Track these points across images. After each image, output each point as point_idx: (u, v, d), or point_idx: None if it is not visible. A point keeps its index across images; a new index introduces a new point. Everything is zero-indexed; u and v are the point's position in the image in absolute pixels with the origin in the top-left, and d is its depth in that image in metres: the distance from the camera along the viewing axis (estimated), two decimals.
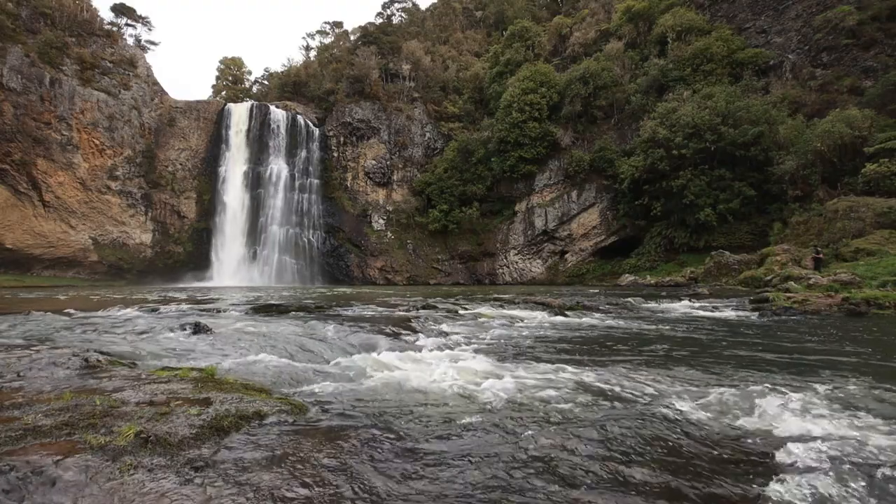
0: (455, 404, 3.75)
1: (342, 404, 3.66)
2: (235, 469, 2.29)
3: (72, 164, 46.40)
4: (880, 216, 23.50)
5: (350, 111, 56.73)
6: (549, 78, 49.06)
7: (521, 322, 10.39)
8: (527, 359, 5.97)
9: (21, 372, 3.83)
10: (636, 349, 6.83)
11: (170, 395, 3.26)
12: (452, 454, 2.68)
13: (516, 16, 65.04)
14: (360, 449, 2.70)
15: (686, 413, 3.56)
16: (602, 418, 3.38)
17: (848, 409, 3.57)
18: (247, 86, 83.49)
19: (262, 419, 3.00)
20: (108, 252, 49.29)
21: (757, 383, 4.51)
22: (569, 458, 2.64)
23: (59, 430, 2.48)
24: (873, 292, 12.74)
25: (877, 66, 34.17)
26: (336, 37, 76.81)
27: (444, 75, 61.79)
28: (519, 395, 4.04)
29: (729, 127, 35.74)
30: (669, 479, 2.43)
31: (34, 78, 44.27)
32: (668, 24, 46.03)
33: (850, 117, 29.44)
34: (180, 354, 5.68)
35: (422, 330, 8.08)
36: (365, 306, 12.96)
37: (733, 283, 23.48)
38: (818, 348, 6.71)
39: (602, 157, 45.33)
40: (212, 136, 55.02)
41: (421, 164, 57.31)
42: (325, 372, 5.03)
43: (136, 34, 61.90)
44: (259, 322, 9.07)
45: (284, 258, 52.63)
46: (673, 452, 2.79)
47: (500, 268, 51.89)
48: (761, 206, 35.33)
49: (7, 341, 5.93)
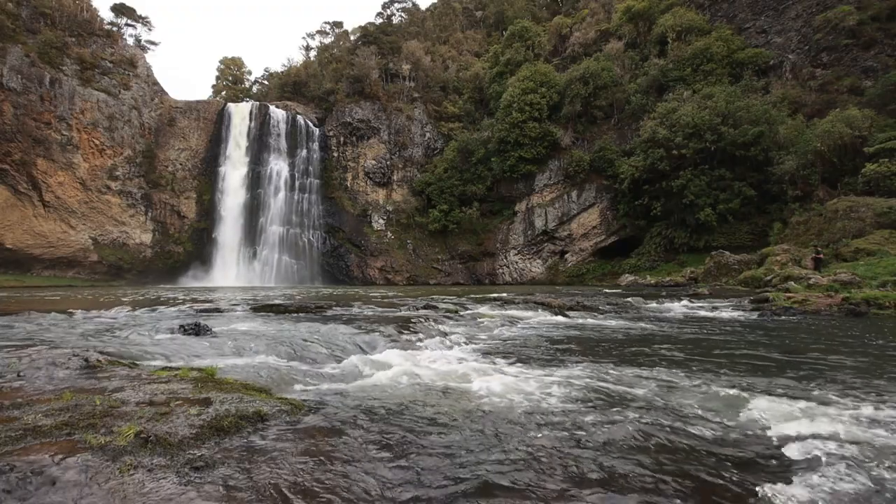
0: (455, 404, 3.76)
1: (342, 404, 3.66)
2: (236, 469, 2.29)
3: (72, 164, 46.41)
4: (880, 216, 23.51)
5: (350, 111, 56.75)
6: (549, 78, 49.08)
7: (521, 322, 10.39)
8: (526, 359, 5.98)
9: (21, 372, 3.83)
10: (635, 349, 6.83)
11: (170, 395, 3.26)
12: (452, 453, 2.68)
13: (516, 16, 65.04)
14: (360, 448, 2.70)
15: (685, 413, 3.56)
16: (600, 418, 3.39)
17: (847, 410, 3.57)
18: (247, 86, 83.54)
19: (263, 419, 3.00)
20: (108, 252, 49.30)
21: (756, 383, 4.51)
22: (566, 457, 2.65)
23: (59, 430, 2.49)
24: (873, 292, 12.74)
25: (877, 66, 34.19)
26: (336, 37, 76.80)
27: (444, 75, 61.81)
28: (518, 394, 4.05)
29: (729, 127, 35.76)
30: (667, 478, 2.43)
31: (34, 78, 44.27)
32: (668, 24, 46.05)
33: (850, 117, 29.46)
34: (180, 354, 5.68)
35: (422, 330, 8.08)
36: (365, 306, 12.96)
37: (733, 283, 23.47)
38: (818, 348, 6.71)
39: (602, 157, 45.35)
40: (212, 136, 55.04)
41: (421, 164, 57.32)
42: (325, 372, 5.03)
43: (136, 34, 62.02)
44: (259, 322, 9.07)
45: (284, 258, 52.65)
46: (671, 452, 2.79)
47: (500, 268, 51.89)
48: (761, 206, 35.35)
49: (7, 341, 5.93)
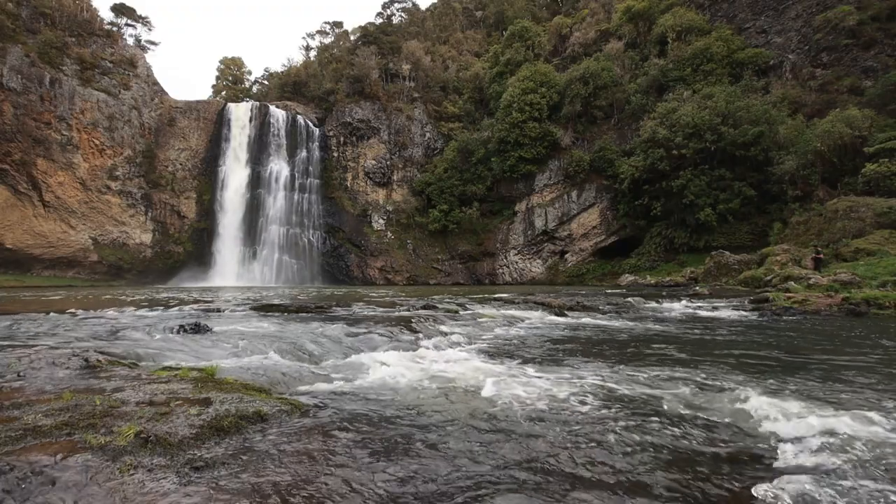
0: (455, 404, 3.76)
1: (342, 404, 3.66)
2: (236, 469, 2.29)
3: (72, 164, 46.43)
4: (880, 216, 23.51)
5: (350, 111, 56.75)
6: (549, 78, 49.09)
7: (521, 322, 10.39)
8: (526, 359, 5.98)
9: (21, 372, 3.83)
10: (635, 349, 6.83)
11: (170, 395, 3.26)
12: (452, 455, 2.68)
13: (516, 16, 65.05)
14: (360, 449, 2.70)
15: (684, 413, 3.56)
16: (599, 417, 3.39)
17: (847, 410, 3.57)
18: (247, 86, 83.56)
19: (263, 419, 3.00)
20: (108, 252, 49.31)
21: (756, 383, 4.51)
22: (565, 456, 2.65)
23: (59, 430, 2.48)
24: (873, 292, 12.74)
25: (877, 66, 34.20)
26: (336, 37, 76.83)
27: (444, 75, 61.81)
28: (517, 394, 4.05)
29: (729, 127, 35.76)
30: (666, 478, 2.43)
31: (34, 78, 44.28)
32: (668, 24, 46.06)
33: (850, 117, 29.46)
34: (180, 354, 5.67)
35: (421, 330, 8.08)
36: (365, 306, 12.96)
37: (733, 283, 23.47)
38: (817, 348, 6.71)
39: (602, 157, 45.35)
40: (212, 136, 55.06)
41: (421, 164, 57.32)
42: (325, 372, 5.03)
43: (136, 34, 62.07)
44: (259, 322, 9.07)
45: (284, 258, 52.68)
46: (669, 452, 2.79)
47: (500, 268, 51.90)
48: (761, 206, 35.35)
49: (7, 341, 5.93)
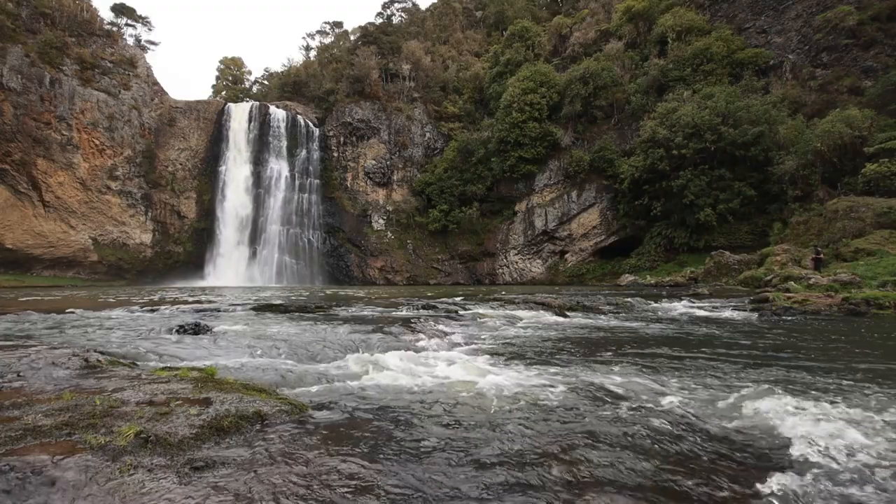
0: (454, 404, 3.76)
1: (342, 404, 3.66)
2: (236, 469, 2.29)
3: (72, 164, 46.41)
4: (880, 216, 23.50)
5: (350, 111, 56.73)
6: (549, 78, 49.07)
7: (521, 322, 10.39)
8: (526, 359, 5.98)
9: (21, 372, 3.83)
10: (635, 349, 6.83)
11: (170, 395, 3.26)
12: (453, 455, 2.68)
13: (516, 16, 65.02)
14: (359, 448, 2.70)
15: (685, 412, 3.56)
16: (600, 417, 3.39)
17: (847, 410, 3.57)
18: (247, 86, 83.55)
19: (263, 419, 3.00)
20: (108, 252, 49.30)
21: (756, 383, 4.51)
22: (566, 456, 2.65)
23: (59, 430, 2.48)
24: (873, 292, 12.74)
25: (877, 66, 34.18)
26: (336, 37, 76.82)
27: (444, 75, 61.78)
28: (517, 394, 4.05)
29: (729, 127, 35.75)
30: (668, 478, 2.43)
31: (34, 78, 44.26)
32: (668, 24, 46.03)
33: (850, 117, 29.45)
34: (180, 354, 5.68)
35: (421, 330, 8.08)
36: (365, 306, 12.96)
37: (733, 283, 23.48)
38: (817, 348, 6.72)
39: (602, 157, 45.34)
40: (212, 136, 55.03)
41: (421, 164, 57.31)
42: (324, 372, 5.03)
43: (136, 34, 61.99)
44: (259, 322, 9.07)
45: (284, 258, 52.67)
46: (671, 451, 2.79)
47: (500, 268, 51.89)
48: (761, 206, 35.34)
49: (7, 341, 5.93)
